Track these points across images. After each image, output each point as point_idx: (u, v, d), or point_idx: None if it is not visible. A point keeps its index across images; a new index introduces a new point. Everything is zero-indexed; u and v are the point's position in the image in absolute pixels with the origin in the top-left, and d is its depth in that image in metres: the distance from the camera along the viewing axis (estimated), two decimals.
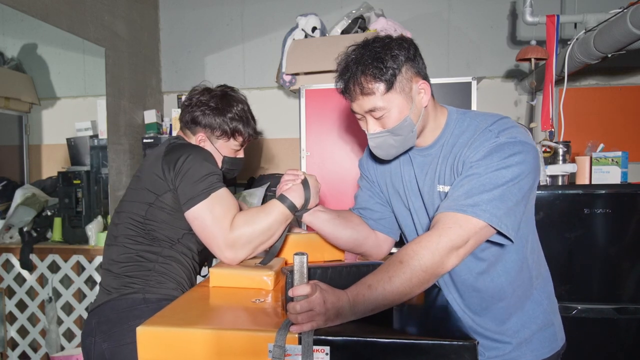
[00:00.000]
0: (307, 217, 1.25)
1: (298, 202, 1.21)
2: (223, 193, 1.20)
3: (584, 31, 2.22)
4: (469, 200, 0.92)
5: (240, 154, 1.43)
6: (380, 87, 0.99)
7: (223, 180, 1.50)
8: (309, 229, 1.34)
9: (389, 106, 1.00)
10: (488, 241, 0.97)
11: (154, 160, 1.25)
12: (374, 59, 0.98)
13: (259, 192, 2.65)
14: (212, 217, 1.15)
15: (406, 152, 1.15)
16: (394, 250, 1.73)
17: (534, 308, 1.10)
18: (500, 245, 0.99)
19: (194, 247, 1.31)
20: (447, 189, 1.04)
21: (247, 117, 1.38)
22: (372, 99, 1.00)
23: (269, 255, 1.25)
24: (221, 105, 1.33)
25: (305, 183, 1.24)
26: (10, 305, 2.47)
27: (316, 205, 1.26)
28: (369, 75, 0.98)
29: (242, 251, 1.17)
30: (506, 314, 1.08)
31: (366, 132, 1.08)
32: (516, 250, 1.05)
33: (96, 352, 1.19)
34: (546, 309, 1.12)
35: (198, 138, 1.35)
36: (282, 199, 1.21)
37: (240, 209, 1.36)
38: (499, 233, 0.94)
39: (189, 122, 1.35)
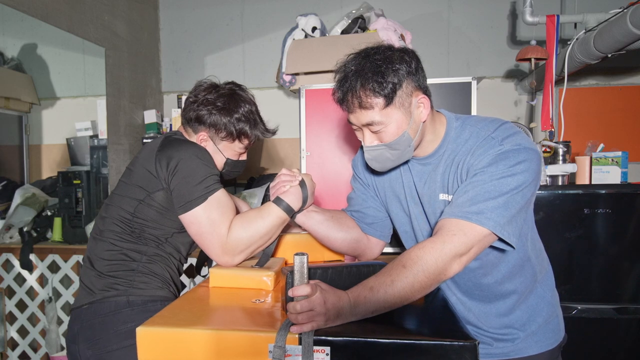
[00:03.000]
0: (300, 218, 1.24)
1: (295, 205, 1.18)
2: (220, 196, 1.16)
3: (584, 31, 2.22)
4: (473, 207, 0.92)
5: (244, 157, 1.37)
6: (380, 101, 0.96)
7: (223, 181, 1.48)
8: None
9: (387, 121, 0.98)
10: (490, 246, 0.97)
11: (148, 154, 1.20)
12: (375, 73, 0.95)
13: (259, 192, 2.64)
14: (209, 222, 1.13)
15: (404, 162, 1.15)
16: (388, 249, 1.73)
17: (538, 302, 1.11)
18: (501, 249, 1.00)
19: (182, 249, 1.28)
20: (450, 197, 1.04)
21: (255, 119, 1.31)
22: (370, 113, 0.98)
23: (264, 256, 1.24)
24: (229, 105, 1.26)
25: (302, 184, 1.21)
26: (10, 305, 2.47)
27: (309, 206, 1.25)
28: (369, 89, 0.95)
29: (239, 256, 1.16)
30: (511, 309, 1.09)
31: (362, 143, 1.06)
32: (517, 250, 1.05)
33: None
34: (550, 302, 1.13)
35: (200, 137, 1.28)
36: (279, 202, 1.18)
37: (238, 211, 1.34)
38: (501, 239, 0.94)
39: (193, 119, 1.28)
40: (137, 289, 1.17)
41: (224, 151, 1.31)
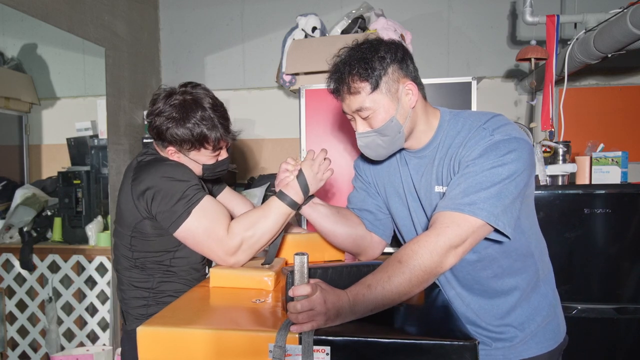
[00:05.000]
0: (306, 209, 1.24)
1: (298, 198, 1.18)
2: (204, 204, 1.15)
3: (584, 31, 2.22)
4: (466, 199, 0.93)
5: (223, 155, 1.32)
6: (366, 86, 1.01)
7: (218, 180, 1.45)
8: (310, 227, 1.33)
9: (374, 106, 1.02)
10: (487, 239, 0.97)
11: (126, 186, 1.20)
12: (360, 60, 1.01)
13: (258, 192, 2.64)
14: (202, 230, 1.13)
15: (400, 153, 1.16)
16: (388, 249, 1.73)
17: (540, 300, 1.11)
18: (499, 242, 1.00)
19: (193, 258, 1.28)
20: (445, 189, 1.05)
21: (213, 123, 1.23)
22: (358, 98, 1.03)
23: (270, 254, 1.24)
24: (180, 115, 1.20)
25: (300, 175, 1.18)
26: (10, 305, 2.46)
27: (316, 196, 1.25)
28: (355, 74, 1.01)
29: (243, 256, 1.16)
30: (512, 307, 1.09)
31: (355, 132, 1.09)
32: (520, 244, 1.05)
33: None
34: (551, 302, 1.13)
35: (169, 152, 1.26)
36: (282, 196, 1.17)
37: (233, 216, 1.33)
38: (497, 230, 0.94)
39: (156, 137, 1.25)
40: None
41: (197, 159, 1.27)
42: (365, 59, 1.01)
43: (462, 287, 1.12)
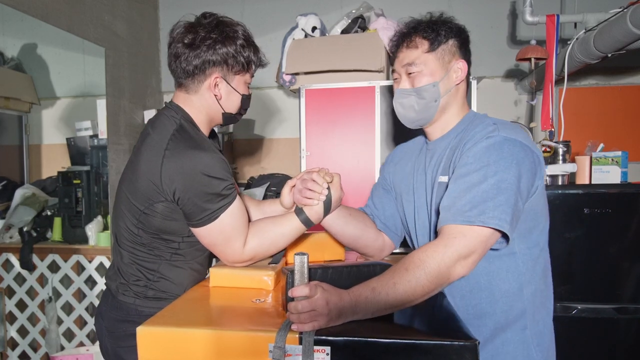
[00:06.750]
0: None
1: (316, 219, 1.18)
2: (233, 210, 1.11)
3: (584, 31, 2.22)
4: (474, 210, 0.92)
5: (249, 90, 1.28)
6: (425, 44, 1.08)
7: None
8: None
9: (424, 65, 1.07)
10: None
11: (154, 157, 1.09)
12: (429, 22, 1.11)
13: (258, 192, 2.64)
14: (222, 237, 1.12)
15: (421, 150, 1.19)
16: (398, 250, 1.73)
17: (515, 347, 1.03)
18: (496, 249, 1.00)
19: (200, 245, 1.23)
20: (446, 179, 1.05)
21: (254, 42, 1.23)
22: (413, 52, 1.08)
23: (278, 254, 1.25)
24: (226, 33, 1.16)
25: (327, 202, 1.16)
26: (10, 305, 2.46)
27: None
28: (421, 32, 1.09)
29: (250, 263, 1.18)
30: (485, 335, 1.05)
31: (395, 90, 1.14)
32: (514, 278, 1.04)
33: (103, 348, 1.23)
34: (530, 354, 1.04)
35: (214, 82, 1.17)
36: (300, 213, 1.17)
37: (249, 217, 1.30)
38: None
39: (198, 68, 1.17)
40: (149, 300, 1.18)
41: (238, 88, 1.21)
42: (434, 23, 1.10)
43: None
